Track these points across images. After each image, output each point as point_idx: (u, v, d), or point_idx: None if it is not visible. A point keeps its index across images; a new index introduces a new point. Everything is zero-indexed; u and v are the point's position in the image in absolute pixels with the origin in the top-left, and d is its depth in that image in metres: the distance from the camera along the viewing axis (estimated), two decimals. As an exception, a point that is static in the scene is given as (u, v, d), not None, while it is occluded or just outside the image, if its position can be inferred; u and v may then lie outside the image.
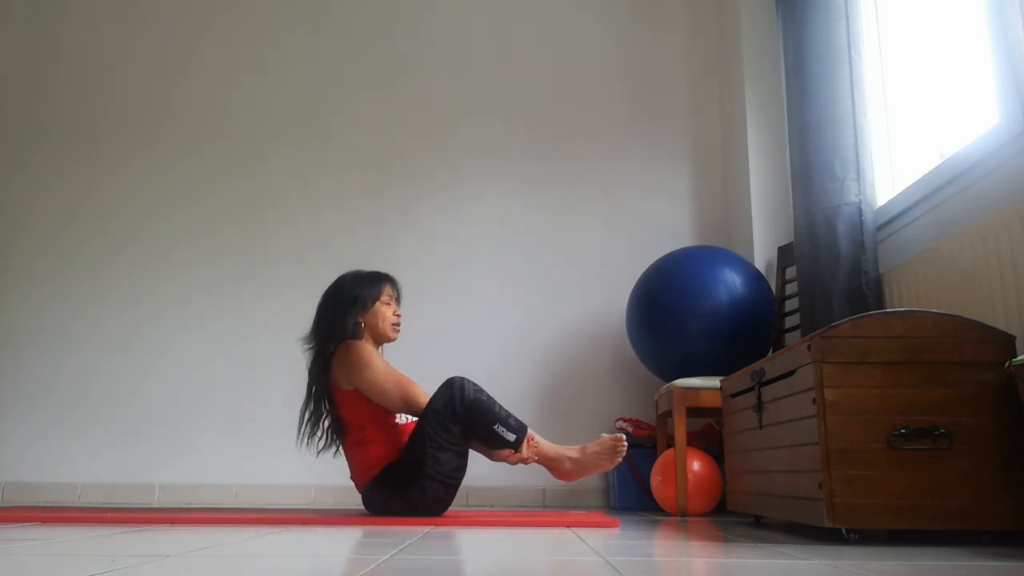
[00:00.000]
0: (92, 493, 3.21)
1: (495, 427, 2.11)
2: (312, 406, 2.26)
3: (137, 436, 3.29)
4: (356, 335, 2.27)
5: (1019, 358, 1.38)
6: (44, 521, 1.89)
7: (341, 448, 2.28)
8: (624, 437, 2.19)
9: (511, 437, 2.12)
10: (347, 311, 2.28)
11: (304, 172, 3.57)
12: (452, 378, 2.17)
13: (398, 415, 2.27)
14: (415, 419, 2.24)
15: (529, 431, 2.17)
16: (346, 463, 2.29)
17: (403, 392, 2.18)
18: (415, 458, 2.12)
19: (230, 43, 3.73)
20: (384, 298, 2.35)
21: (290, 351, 3.36)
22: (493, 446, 2.15)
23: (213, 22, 3.76)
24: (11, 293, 3.47)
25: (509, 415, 2.14)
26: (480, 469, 3.18)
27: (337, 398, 2.23)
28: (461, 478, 2.16)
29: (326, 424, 2.26)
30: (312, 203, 3.53)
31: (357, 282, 2.35)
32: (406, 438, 2.20)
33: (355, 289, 2.32)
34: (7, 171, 3.61)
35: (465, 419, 2.11)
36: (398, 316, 2.38)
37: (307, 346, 2.31)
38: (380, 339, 2.35)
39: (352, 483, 2.28)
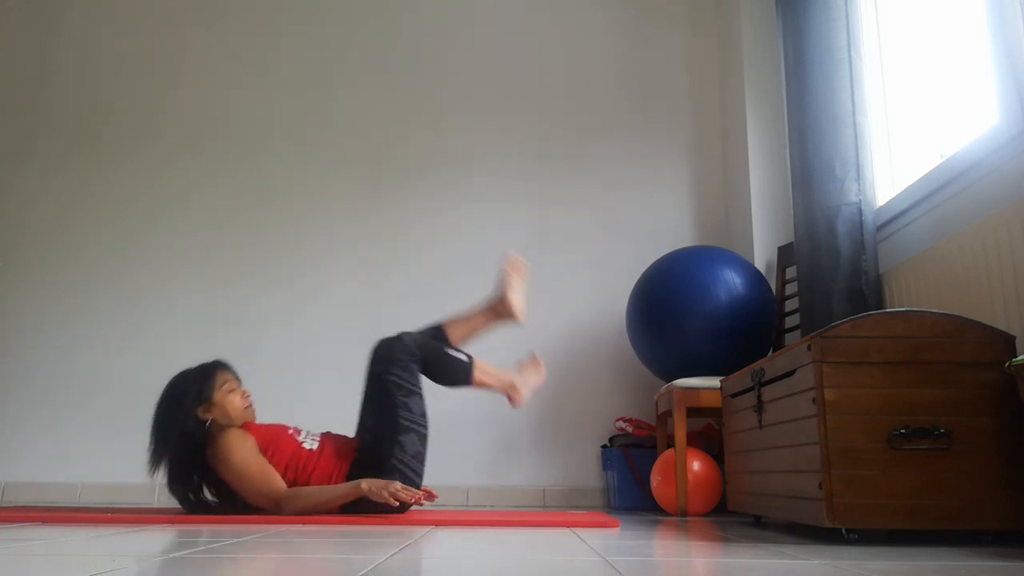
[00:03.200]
0: (92, 493, 3.21)
1: (447, 351, 2.32)
2: (192, 491, 2.19)
3: (137, 436, 3.28)
4: (202, 433, 2.18)
5: (1019, 358, 1.38)
6: (44, 521, 1.89)
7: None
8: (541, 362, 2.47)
9: (463, 356, 2.35)
10: (193, 409, 2.17)
11: (303, 171, 3.57)
12: (395, 334, 2.31)
13: (304, 444, 2.26)
14: (322, 434, 2.32)
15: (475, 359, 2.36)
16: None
17: (270, 496, 2.12)
18: (387, 419, 2.20)
19: (228, 43, 3.73)
20: (223, 387, 2.23)
21: (289, 350, 3.37)
22: (452, 369, 2.32)
23: (211, 22, 3.76)
24: (11, 293, 3.47)
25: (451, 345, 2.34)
26: (481, 469, 3.18)
27: (235, 480, 2.16)
28: (427, 427, 2.27)
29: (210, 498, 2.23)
30: (311, 203, 3.53)
31: (189, 379, 2.23)
32: (327, 462, 2.23)
33: (192, 387, 2.20)
34: (7, 171, 3.61)
35: (421, 354, 2.28)
36: (247, 397, 2.28)
37: (152, 463, 2.16)
38: (234, 423, 2.24)
39: None
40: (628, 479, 2.83)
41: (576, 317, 3.35)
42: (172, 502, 3.14)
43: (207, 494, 2.23)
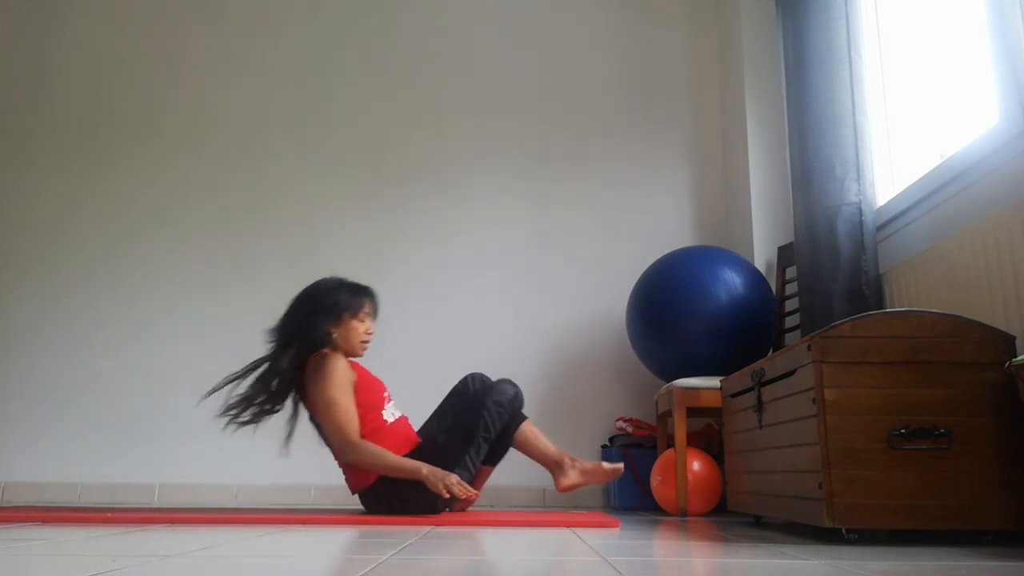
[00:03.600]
0: (92, 493, 3.21)
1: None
2: (264, 396, 2.25)
3: (137, 436, 3.29)
4: (324, 344, 2.23)
5: (1019, 358, 1.38)
6: (44, 521, 1.89)
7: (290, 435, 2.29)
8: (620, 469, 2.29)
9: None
10: (320, 318, 2.22)
11: (303, 172, 3.57)
12: (517, 386, 2.28)
13: (384, 412, 2.26)
14: (402, 415, 2.29)
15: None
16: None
17: (343, 435, 2.14)
18: (458, 444, 2.18)
19: (228, 43, 3.73)
20: (360, 314, 2.29)
21: (290, 351, 3.36)
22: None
23: (211, 22, 3.76)
24: (11, 293, 3.47)
25: (482, 444, 2.21)
26: (480, 469, 3.18)
27: (311, 408, 2.22)
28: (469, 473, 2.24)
29: (289, 423, 2.27)
30: (311, 203, 3.53)
31: (337, 290, 2.28)
32: (394, 439, 2.20)
33: (334, 297, 2.25)
34: (7, 171, 3.61)
35: (507, 417, 2.26)
36: (369, 334, 2.32)
37: (270, 340, 2.26)
38: (347, 354, 2.29)
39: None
40: (628, 479, 2.83)
41: (576, 317, 3.35)
42: (172, 502, 3.14)
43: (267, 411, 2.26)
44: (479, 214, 3.49)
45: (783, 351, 1.67)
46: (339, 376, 2.17)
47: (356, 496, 2.28)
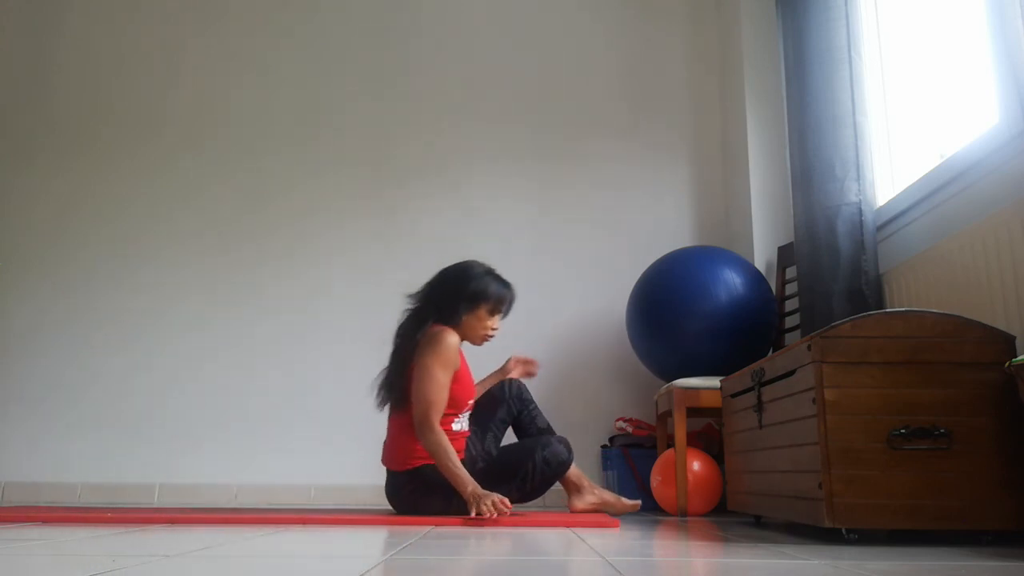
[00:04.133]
0: (92, 493, 3.21)
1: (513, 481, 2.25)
2: (391, 367, 2.30)
3: (137, 436, 3.29)
4: (452, 323, 2.26)
5: (1019, 358, 1.38)
6: (44, 521, 1.89)
7: (393, 415, 2.30)
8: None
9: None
10: (462, 299, 2.27)
11: (303, 172, 3.57)
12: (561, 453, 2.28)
13: (457, 421, 2.27)
14: (468, 431, 2.32)
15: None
16: (384, 439, 2.34)
17: (428, 410, 2.15)
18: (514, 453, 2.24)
19: (229, 43, 3.73)
20: (497, 308, 2.33)
21: (289, 351, 3.36)
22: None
23: (212, 23, 3.76)
24: (11, 293, 3.47)
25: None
26: (480, 469, 3.18)
27: (409, 372, 2.25)
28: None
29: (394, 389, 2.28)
30: (311, 203, 3.53)
31: (485, 279, 2.31)
32: (456, 444, 2.22)
33: (482, 285, 2.29)
34: (7, 171, 3.61)
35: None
36: (495, 330, 2.36)
37: (410, 303, 2.32)
38: (464, 339, 2.32)
39: (381, 461, 2.32)
40: (628, 479, 2.83)
41: (576, 317, 3.35)
42: (172, 502, 3.14)
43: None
44: (479, 214, 3.48)
45: (783, 351, 1.67)
46: (450, 355, 2.21)
47: (385, 470, 2.30)
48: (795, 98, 2.49)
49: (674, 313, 2.63)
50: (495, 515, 1.98)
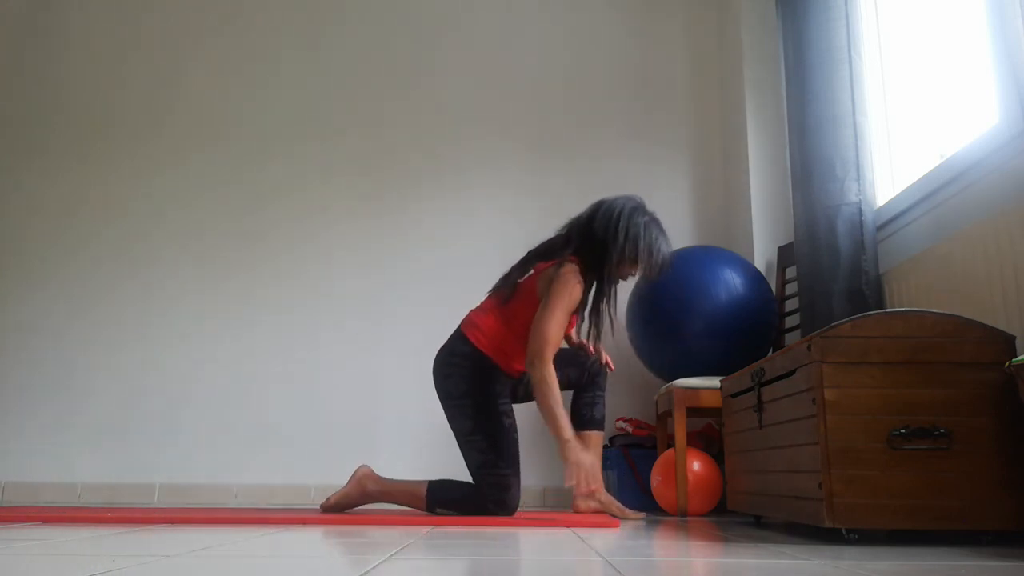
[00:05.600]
0: (92, 493, 3.21)
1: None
2: (518, 265, 2.33)
3: (137, 436, 3.29)
4: (593, 267, 2.22)
5: (1019, 358, 1.38)
6: (44, 521, 1.89)
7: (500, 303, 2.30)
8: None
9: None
10: (615, 250, 2.20)
11: (305, 173, 3.57)
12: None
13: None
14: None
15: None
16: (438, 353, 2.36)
17: (544, 346, 2.11)
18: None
19: (232, 45, 3.73)
20: (635, 271, 2.27)
21: (290, 351, 3.36)
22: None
23: (215, 25, 3.76)
24: (11, 293, 3.47)
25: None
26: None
27: (524, 283, 2.27)
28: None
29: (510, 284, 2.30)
30: (312, 204, 3.53)
31: (650, 242, 2.22)
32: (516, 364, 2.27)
33: (642, 247, 2.21)
34: (8, 171, 3.61)
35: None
36: (622, 280, 2.31)
37: (563, 228, 2.31)
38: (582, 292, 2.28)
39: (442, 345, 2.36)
40: (628, 479, 2.83)
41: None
42: (172, 502, 3.15)
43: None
44: (478, 214, 3.49)
45: (783, 351, 1.67)
46: (576, 295, 2.17)
47: (447, 351, 2.32)
48: (795, 98, 2.49)
49: (674, 313, 2.63)
50: (584, 489, 1.98)
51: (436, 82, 3.65)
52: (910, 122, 2.48)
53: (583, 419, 2.38)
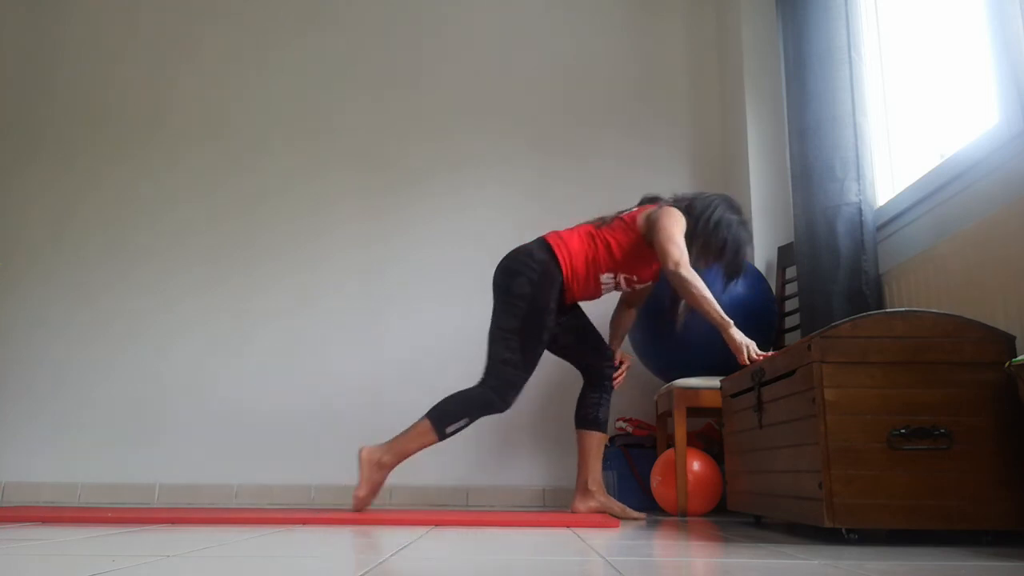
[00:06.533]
0: (92, 493, 3.21)
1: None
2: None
3: (137, 436, 3.29)
4: (695, 229, 2.29)
5: (1019, 358, 1.38)
6: (44, 521, 1.89)
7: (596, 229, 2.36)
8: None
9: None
10: (701, 234, 2.29)
11: (304, 172, 3.57)
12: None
13: (616, 276, 2.35)
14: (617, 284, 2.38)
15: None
16: None
17: (681, 258, 2.17)
18: None
19: (230, 43, 3.73)
20: (710, 266, 2.36)
21: (289, 350, 3.36)
22: None
23: (213, 23, 3.76)
24: (11, 293, 3.47)
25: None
26: (481, 469, 3.18)
27: (626, 215, 2.33)
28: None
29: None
30: (312, 203, 3.53)
31: (744, 248, 2.33)
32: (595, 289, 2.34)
33: (727, 243, 2.29)
34: (7, 171, 3.61)
35: None
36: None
37: (672, 198, 2.38)
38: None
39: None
40: (628, 479, 2.83)
41: (576, 317, 3.34)
42: (172, 502, 3.15)
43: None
44: (479, 214, 3.49)
45: (783, 351, 1.67)
46: (684, 225, 2.26)
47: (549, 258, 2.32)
48: (795, 98, 2.49)
49: (674, 313, 2.62)
50: (756, 359, 2.04)
51: (435, 81, 3.65)
52: (910, 122, 2.48)
53: (587, 419, 2.41)
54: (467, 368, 3.27)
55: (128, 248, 3.51)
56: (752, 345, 2.06)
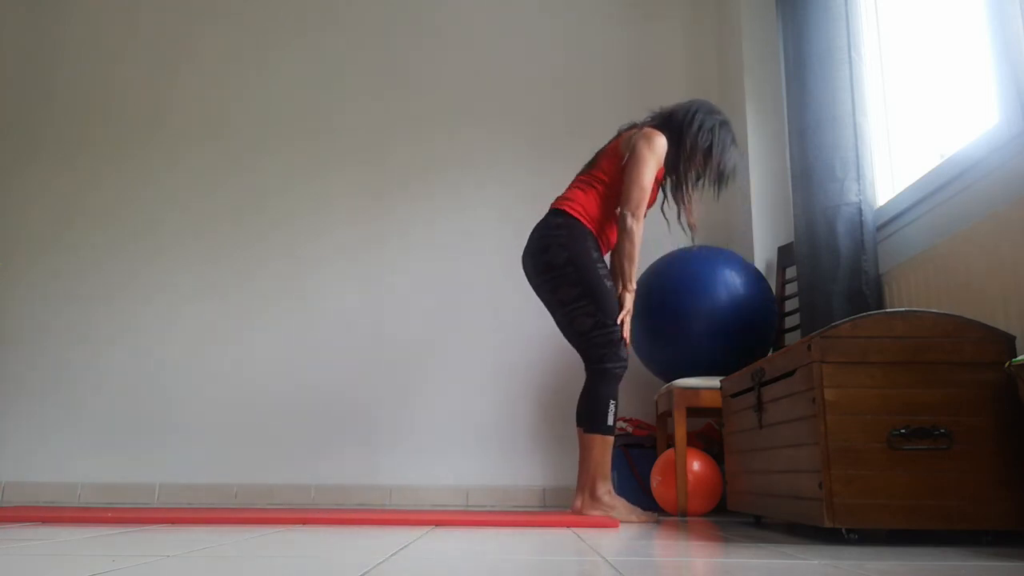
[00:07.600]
0: (92, 493, 3.21)
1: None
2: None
3: (137, 436, 3.29)
4: (672, 161, 2.34)
5: (1019, 358, 1.38)
6: (44, 521, 1.89)
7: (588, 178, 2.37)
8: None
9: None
10: (686, 138, 2.33)
11: (303, 172, 3.57)
12: None
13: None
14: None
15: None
16: None
17: (641, 200, 2.25)
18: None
19: (230, 43, 3.73)
20: (717, 181, 2.40)
21: (289, 350, 3.36)
22: None
23: (213, 23, 3.76)
24: (11, 293, 3.47)
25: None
26: (481, 469, 3.19)
27: (607, 147, 2.37)
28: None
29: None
30: (312, 204, 3.53)
31: (734, 157, 2.37)
32: (608, 230, 2.35)
33: (727, 162, 2.35)
34: (7, 171, 3.61)
35: None
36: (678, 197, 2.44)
37: (650, 115, 2.40)
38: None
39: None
40: (628, 479, 2.83)
41: (576, 317, 3.34)
42: (172, 502, 3.15)
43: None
44: (479, 214, 3.49)
45: (783, 351, 1.67)
46: (662, 146, 2.31)
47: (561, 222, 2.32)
48: (795, 98, 2.49)
49: (674, 313, 2.63)
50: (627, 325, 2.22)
51: (435, 81, 3.65)
52: (910, 122, 2.48)
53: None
54: (467, 368, 3.28)
55: (128, 248, 3.51)
56: (628, 315, 2.24)
